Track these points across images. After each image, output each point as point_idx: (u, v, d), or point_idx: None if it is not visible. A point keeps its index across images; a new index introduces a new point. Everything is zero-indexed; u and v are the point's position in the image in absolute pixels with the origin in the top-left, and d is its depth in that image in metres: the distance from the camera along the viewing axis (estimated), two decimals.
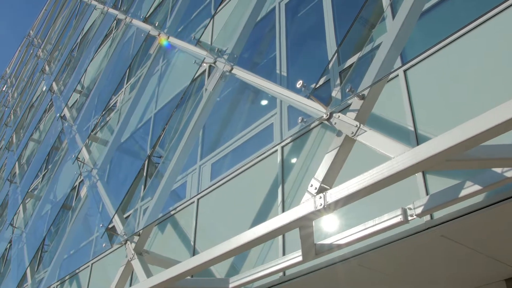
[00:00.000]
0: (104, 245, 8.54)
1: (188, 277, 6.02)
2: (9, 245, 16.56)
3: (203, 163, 7.88)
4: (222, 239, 4.93)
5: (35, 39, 30.97)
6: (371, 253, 4.66)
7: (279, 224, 4.32)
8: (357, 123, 4.30)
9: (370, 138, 4.14)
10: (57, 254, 11.56)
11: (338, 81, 5.83)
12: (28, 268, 12.99)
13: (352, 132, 4.29)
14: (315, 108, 4.94)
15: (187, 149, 7.26)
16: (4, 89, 35.96)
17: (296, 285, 5.39)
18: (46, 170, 16.94)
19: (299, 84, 5.14)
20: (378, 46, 4.60)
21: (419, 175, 4.52)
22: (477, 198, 3.94)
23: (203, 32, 9.14)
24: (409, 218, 3.94)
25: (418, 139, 4.70)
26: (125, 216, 8.67)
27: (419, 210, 3.91)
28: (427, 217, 4.28)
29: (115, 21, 15.53)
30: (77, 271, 10.48)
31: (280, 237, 5.66)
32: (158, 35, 10.93)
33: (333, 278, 5.27)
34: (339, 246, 4.43)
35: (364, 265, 4.94)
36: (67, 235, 11.46)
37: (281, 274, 5.40)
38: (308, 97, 5.10)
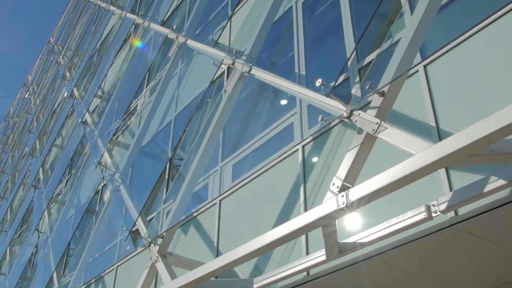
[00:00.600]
0: (128, 248, 8.60)
1: (212, 278, 6.04)
2: (35, 249, 16.77)
3: (224, 164, 7.89)
4: (245, 239, 4.94)
5: (55, 46, 31.33)
6: (395, 251, 4.62)
7: (302, 224, 4.31)
8: (378, 120, 4.27)
9: (391, 135, 4.11)
10: (82, 258, 11.68)
11: (357, 79, 5.80)
12: (55, 272, 13.14)
13: (373, 130, 4.27)
14: (335, 106, 4.93)
15: (208, 151, 7.29)
16: (26, 96, 36.41)
17: (320, 285, 5.37)
18: (69, 175, 17.12)
19: (318, 82, 5.13)
20: (397, 42, 4.57)
21: (442, 171, 4.48)
22: (502, 193, 3.88)
23: (221, 34, 9.17)
24: (433, 214, 3.90)
25: (440, 135, 4.65)
26: (148, 219, 8.73)
27: (443, 207, 3.87)
28: (452, 213, 4.23)
29: (133, 26, 15.65)
30: (102, 274, 10.57)
31: (303, 237, 5.64)
32: (176, 38, 10.99)
33: (357, 276, 5.24)
34: (363, 245, 4.41)
35: (388, 263, 4.90)
36: (91, 239, 11.57)
37: (305, 273, 5.39)
38: (328, 96, 5.09)
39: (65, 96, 21.70)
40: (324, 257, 4.66)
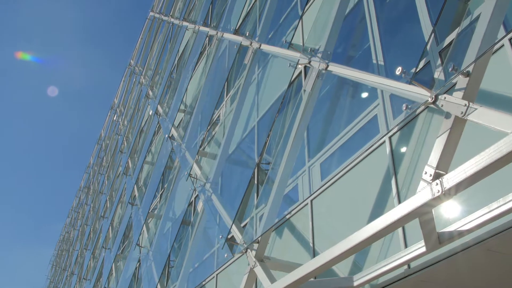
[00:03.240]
0: (226, 255, 8.76)
1: (312, 279, 6.02)
2: (138, 264, 17.43)
3: (312, 164, 7.87)
4: (340, 237, 4.89)
5: (136, 67, 32.46)
6: (498, 237, 4.42)
7: (397, 216, 4.22)
8: (466, 102, 4.11)
9: (482, 116, 3.94)
10: (183, 268, 12.01)
11: (439, 62, 5.61)
12: (158, 284, 13.60)
13: (462, 112, 4.11)
14: (419, 92, 4.80)
15: (294, 152, 7.29)
16: (115, 118, 37.96)
17: (423, 277, 5.22)
18: (162, 190, 17.67)
19: (398, 70, 5.01)
20: (477, 18, 4.39)
21: None
22: None
23: (294, 34, 9.16)
24: None
25: None
26: (242, 225, 8.84)
27: None
28: None
29: (207, 38, 15.95)
30: (203, 282, 10.82)
31: (400, 229, 5.52)
32: (250, 44, 11.09)
33: (460, 265, 5.06)
34: (462, 233, 4.25)
35: (492, 250, 4.69)
36: (190, 249, 11.88)
37: (405, 267, 5.27)
38: (410, 83, 4.96)
39: (150, 114, 22.43)
40: (424, 249, 4.54)
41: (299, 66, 8.31)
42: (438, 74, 5.16)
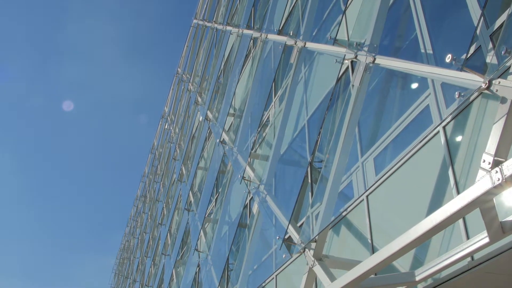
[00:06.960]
0: (284, 256, 8.75)
1: (372, 276, 5.94)
2: (197, 268, 17.65)
3: (365, 159, 7.77)
4: (399, 232, 4.81)
5: (183, 75, 32.86)
6: None
7: (457, 208, 4.12)
8: None
9: None
10: (242, 271, 12.07)
11: (490, 46, 5.44)
12: (219, 287, 13.72)
13: None
14: (471, 79, 4.68)
15: (346, 148, 7.22)
16: (166, 127, 38.54)
17: (488, 269, 5.07)
18: (217, 194, 17.84)
19: (448, 58, 4.89)
20: None
21: None
22: None
23: (338, 30, 9.08)
24: None
25: None
26: (298, 224, 8.82)
27: None
28: None
29: (252, 40, 16.01)
30: (263, 284, 10.84)
31: (461, 220, 5.38)
32: (295, 43, 11.06)
33: None
34: None
35: None
36: (248, 252, 11.94)
37: (469, 259, 5.12)
38: (461, 70, 4.84)
39: (200, 120, 22.68)
40: (487, 239, 4.41)
41: (346, 61, 8.24)
42: (491, 58, 5.01)
